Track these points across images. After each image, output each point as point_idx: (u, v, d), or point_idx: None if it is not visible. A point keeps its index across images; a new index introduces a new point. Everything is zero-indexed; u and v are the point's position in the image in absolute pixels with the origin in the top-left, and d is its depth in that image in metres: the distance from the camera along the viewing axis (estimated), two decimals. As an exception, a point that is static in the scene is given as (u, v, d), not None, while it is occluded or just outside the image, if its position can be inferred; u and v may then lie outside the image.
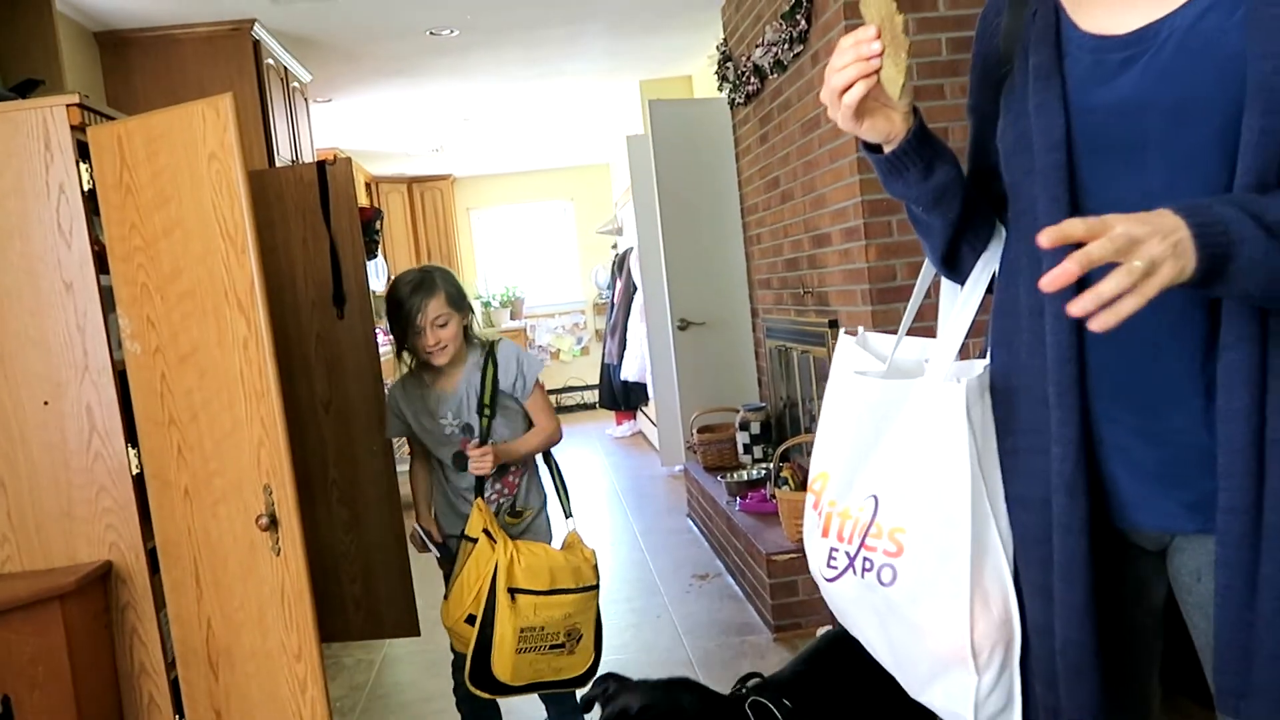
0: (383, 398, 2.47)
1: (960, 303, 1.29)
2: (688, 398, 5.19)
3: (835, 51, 1.02)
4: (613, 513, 5.37)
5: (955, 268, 1.26)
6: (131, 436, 1.95)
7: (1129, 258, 0.83)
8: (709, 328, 5.23)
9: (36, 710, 1.76)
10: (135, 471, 1.97)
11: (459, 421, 2.24)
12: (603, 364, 7.77)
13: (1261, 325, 0.95)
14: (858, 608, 1.23)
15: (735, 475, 4.27)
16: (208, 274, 1.82)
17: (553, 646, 2.08)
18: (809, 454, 4.39)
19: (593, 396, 9.76)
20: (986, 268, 1.26)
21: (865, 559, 1.18)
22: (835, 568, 1.23)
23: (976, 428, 1.14)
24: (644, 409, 7.39)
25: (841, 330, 1.33)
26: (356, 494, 2.57)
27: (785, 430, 4.45)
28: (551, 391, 9.99)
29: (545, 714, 2.41)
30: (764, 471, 4.26)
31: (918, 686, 1.20)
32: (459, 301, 2.23)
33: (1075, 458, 1.04)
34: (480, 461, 2.13)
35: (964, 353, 1.27)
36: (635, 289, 6.77)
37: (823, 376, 3.81)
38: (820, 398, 3.76)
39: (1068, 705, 1.07)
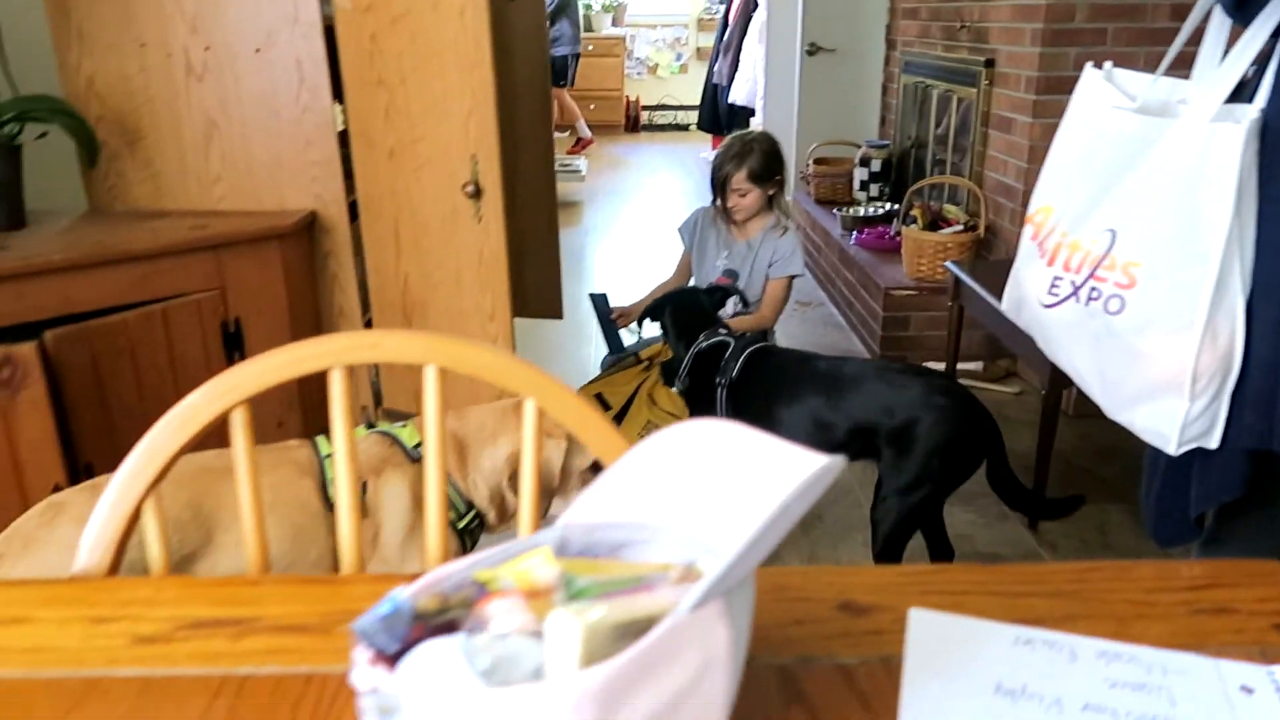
0: (548, 89, 2.58)
1: (1242, 43, 1.26)
2: (805, 128, 5.08)
3: None
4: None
5: (1244, 6, 1.22)
6: (338, 94, 2.02)
7: None
8: (838, 55, 5.01)
9: (259, 335, 1.97)
10: (340, 128, 2.05)
11: (729, 265, 2.64)
12: (707, 84, 7.52)
13: None
14: (1071, 332, 1.31)
15: (851, 210, 4.27)
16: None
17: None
18: (944, 197, 4.31)
19: (686, 117, 9.55)
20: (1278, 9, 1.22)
21: (1093, 289, 1.25)
22: (1056, 295, 1.30)
23: (1243, 171, 1.16)
24: (742, 135, 7.25)
25: (1088, 64, 1.31)
26: (517, 181, 2.66)
27: (908, 171, 4.39)
28: (646, 108, 9.81)
29: None
30: (879, 209, 4.26)
31: (1117, 407, 1.31)
32: (762, 177, 2.58)
33: None
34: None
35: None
36: (755, 6, 6.42)
37: (967, 119, 3.70)
38: (964, 139, 3.68)
39: None
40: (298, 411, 2.04)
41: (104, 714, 0.58)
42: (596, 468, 1.51)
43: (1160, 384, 1.24)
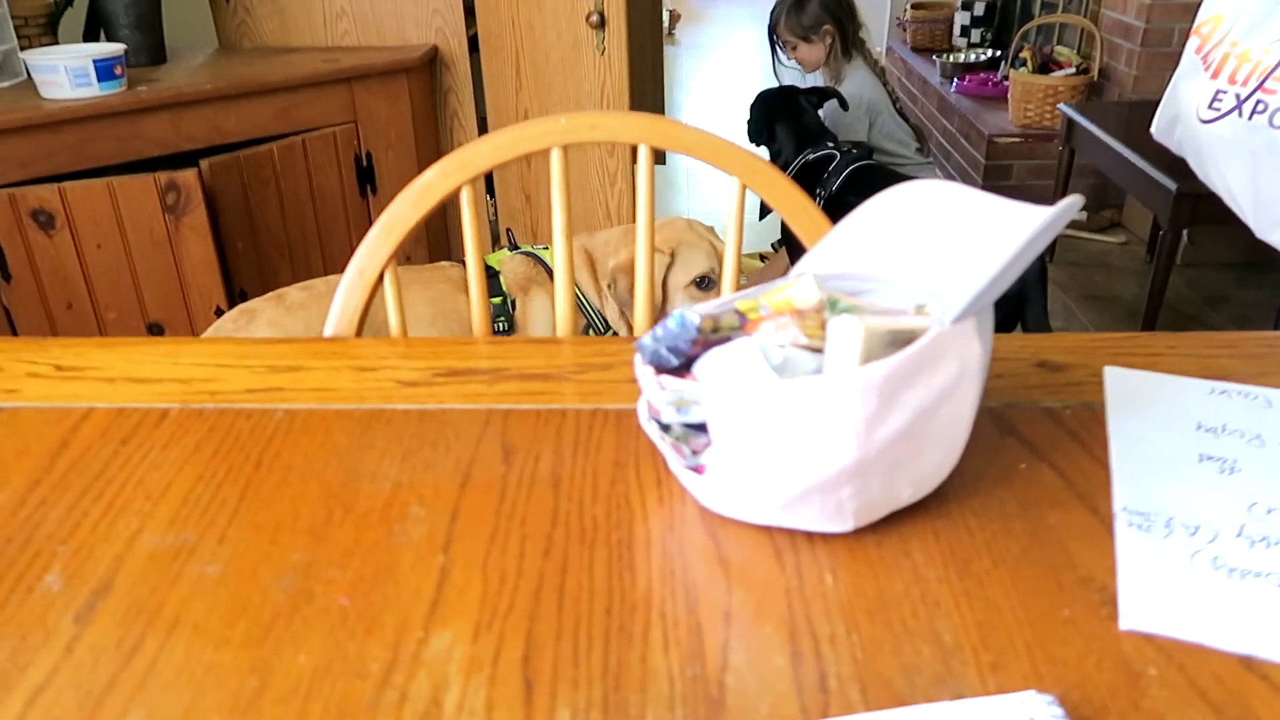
0: None
1: None
2: (903, -30, 4.85)
3: None
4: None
5: None
6: (459, -78, 2.01)
7: None
8: (942, -111, 4.71)
9: (389, 169, 2.03)
10: (461, -41, 2.05)
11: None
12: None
13: None
14: (1229, 149, 1.30)
15: (951, 57, 4.13)
16: None
17: None
18: (1055, 40, 4.16)
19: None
20: None
21: (1259, 101, 1.24)
22: (1218, 109, 1.29)
23: None
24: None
25: None
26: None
27: (1013, 15, 4.19)
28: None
29: None
30: (981, 55, 4.11)
31: (1269, 226, 1.31)
32: (809, 28, 2.59)
33: None
34: None
35: None
36: None
37: (1083, -47, 3.50)
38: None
39: None
40: (424, 245, 2.13)
41: (392, 435, 0.67)
42: (703, 282, 1.56)
43: None
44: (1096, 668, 0.45)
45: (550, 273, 1.55)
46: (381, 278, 0.81)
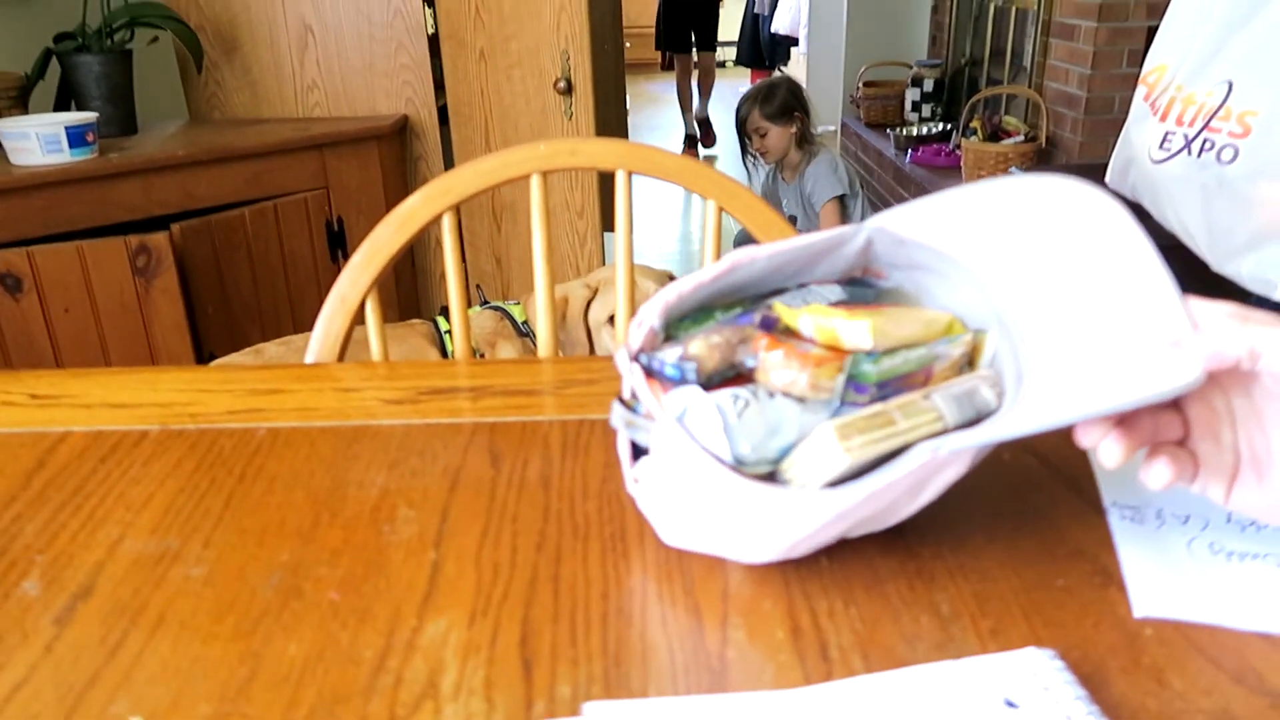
0: None
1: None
2: (853, 51, 5.05)
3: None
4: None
5: None
6: (428, -3, 2.08)
7: None
8: (886, -25, 4.96)
9: (360, 234, 2.05)
10: (430, 32, 2.11)
11: (788, 210, 2.77)
12: (746, 16, 7.45)
13: None
14: (1183, 186, 1.35)
15: (904, 130, 4.27)
16: None
17: None
18: (1002, 109, 4.31)
19: (723, 53, 9.46)
20: None
21: (1206, 140, 1.29)
22: (1168, 149, 1.35)
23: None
24: (782, 66, 7.19)
25: None
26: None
27: (961, 89, 4.37)
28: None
29: None
30: (932, 128, 4.26)
31: (1224, 258, 1.36)
32: (779, 115, 2.69)
33: None
34: None
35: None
36: (799, -67, 6.34)
37: (1026, 30, 3.67)
38: (1021, 51, 3.64)
39: None
40: (395, 308, 2.13)
41: (378, 447, 0.66)
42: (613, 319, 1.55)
43: (1267, 232, 1.29)
44: (1095, 629, 0.46)
45: (516, 327, 1.56)
46: (363, 305, 0.81)
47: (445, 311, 1.60)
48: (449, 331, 1.56)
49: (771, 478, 0.47)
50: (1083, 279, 0.48)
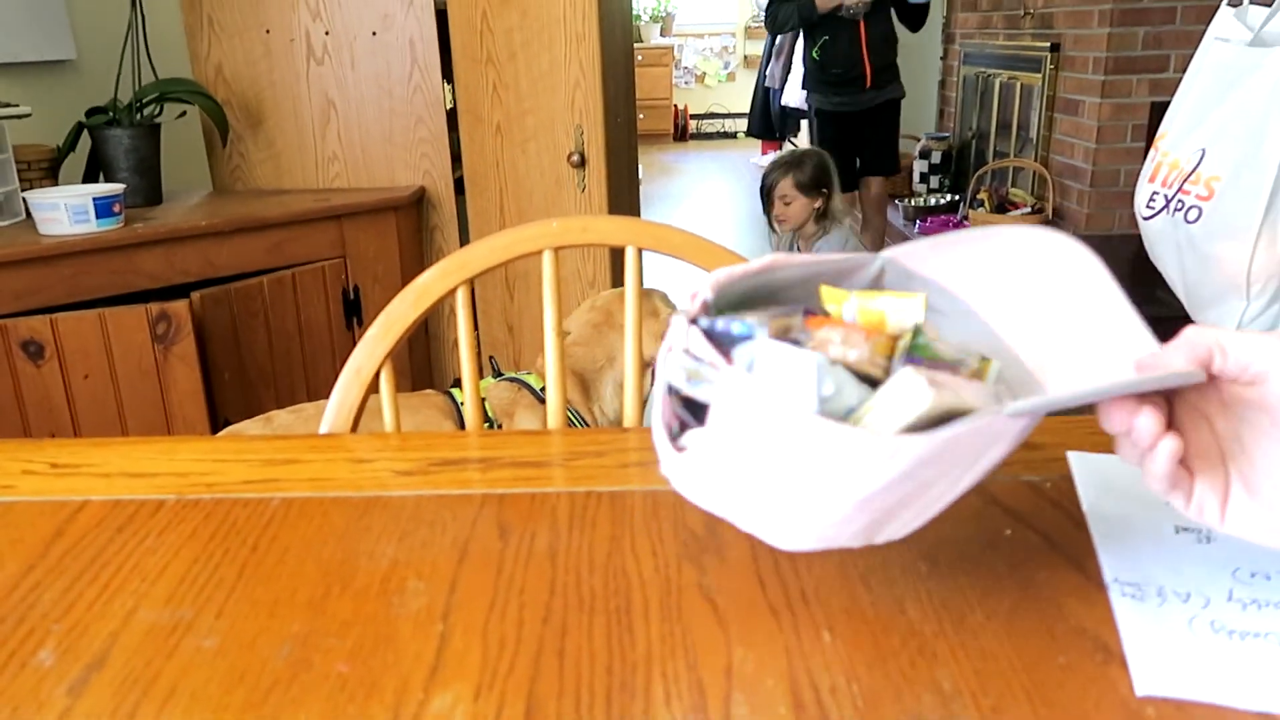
0: (631, 59, 2.70)
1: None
2: (863, 123, 5.14)
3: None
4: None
5: None
6: (448, 73, 2.14)
7: None
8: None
9: (376, 303, 2.09)
10: (449, 106, 2.17)
11: None
12: (758, 89, 7.59)
13: None
14: (1163, 241, 1.42)
15: (912, 201, 4.33)
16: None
17: None
18: (1009, 183, 4.39)
19: (734, 125, 9.65)
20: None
21: (1179, 200, 1.37)
22: (1153, 208, 1.41)
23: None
24: (792, 138, 7.33)
25: (1224, 1, 1.39)
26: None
27: (969, 162, 4.44)
28: (695, 117, 9.93)
29: None
30: (940, 200, 4.32)
31: (1197, 308, 1.43)
32: (808, 186, 2.74)
33: None
34: None
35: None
36: (809, 8, 6.50)
37: (1031, 105, 3.75)
38: (1027, 125, 3.72)
39: None
40: (408, 378, 2.16)
41: (389, 519, 0.67)
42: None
43: (1226, 287, 1.34)
44: (1096, 708, 0.46)
45: (535, 395, 1.58)
46: (378, 376, 0.83)
47: (459, 383, 1.63)
48: (462, 404, 1.58)
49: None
50: (1061, 316, 0.55)
